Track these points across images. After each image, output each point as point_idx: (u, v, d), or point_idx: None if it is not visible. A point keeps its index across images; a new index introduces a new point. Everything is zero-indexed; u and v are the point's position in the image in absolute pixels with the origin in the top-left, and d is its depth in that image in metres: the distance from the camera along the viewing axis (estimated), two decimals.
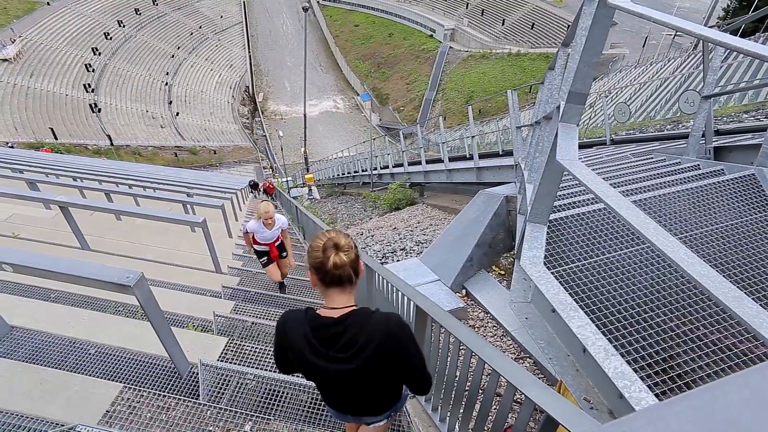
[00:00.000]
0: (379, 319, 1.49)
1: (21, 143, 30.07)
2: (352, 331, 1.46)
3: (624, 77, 30.79)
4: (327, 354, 1.46)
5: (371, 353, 1.45)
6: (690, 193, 2.90)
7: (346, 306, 1.52)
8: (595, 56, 2.02)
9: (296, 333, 1.49)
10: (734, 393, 0.42)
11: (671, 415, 0.40)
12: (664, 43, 38.36)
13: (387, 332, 1.47)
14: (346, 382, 1.54)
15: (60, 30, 45.45)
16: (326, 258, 1.45)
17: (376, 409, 1.76)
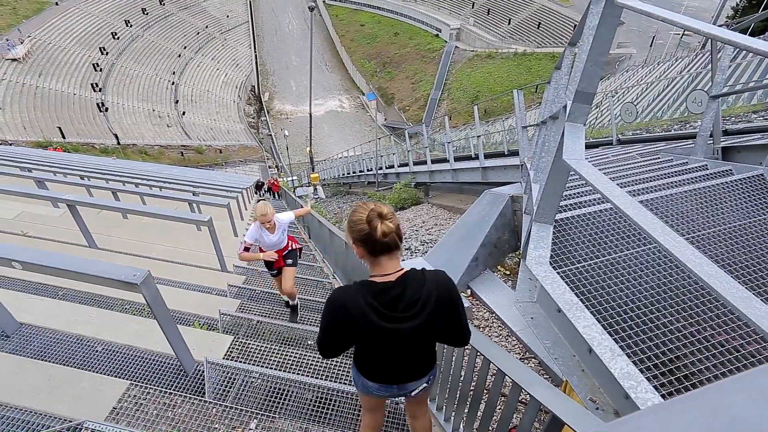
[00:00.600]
0: (430, 275, 1.60)
1: (29, 142, 30.34)
2: (411, 290, 1.57)
3: (631, 77, 30.61)
4: (394, 315, 1.54)
5: (432, 307, 1.55)
6: (697, 193, 2.88)
7: (398, 269, 1.61)
8: (602, 55, 2.01)
9: (357, 303, 1.55)
10: (741, 392, 0.42)
11: (678, 413, 0.40)
12: (671, 42, 38.12)
13: (441, 285, 1.59)
14: (409, 340, 1.63)
15: (68, 30, 45.79)
16: (373, 228, 1.53)
17: (421, 371, 1.82)
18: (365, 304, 1.54)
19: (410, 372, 1.80)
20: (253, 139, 47.85)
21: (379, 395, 1.92)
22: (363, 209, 1.58)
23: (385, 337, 1.59)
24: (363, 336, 1.62)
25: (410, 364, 1.78)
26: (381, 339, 1.61)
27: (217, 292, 5.02)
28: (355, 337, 1.65)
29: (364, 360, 1.80)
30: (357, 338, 1.65)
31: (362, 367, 1.83)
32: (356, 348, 1.79)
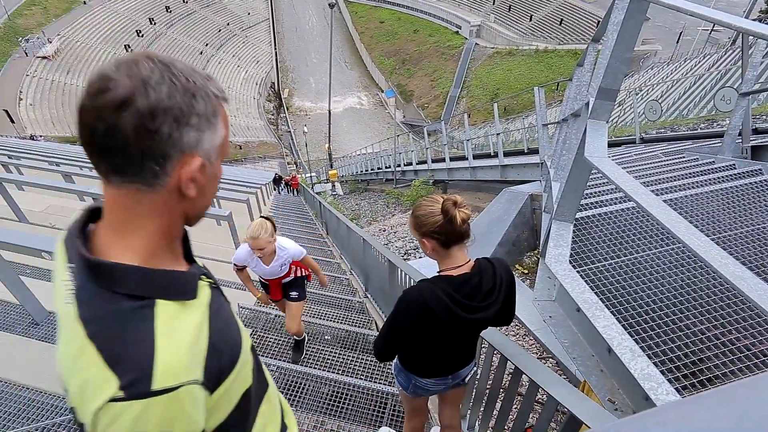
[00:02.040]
0: (496, 262, 1.65)
1: (57, 137, 31.20)
2: (487, 278, 1.59)
3: (655, 74, 29.88)
4: (477, 306, 1.56)
5: (505, 293, 1.60)
6: (724, 193, 2.80)
7: (468, 260, 1.62)
8: (627, 51, 1.97)
9: (440, 300, 1.53)
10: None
11: (703, 408, 0.40)
12: (699, 38, 37.06)
13: (506, 269, 1.65)
14: (484, 327, 1.72)
15: (95, 28, 46.96)
16: (452, 216, 1.52)
17: (472, 355, 1.87)
18: (449, 300, 1.52)
19: (466, 358, 1.84)
20: (272, 136, 48.34)
21: (431, 391, 1.91)
22: (431, 201, 1.59)
23: (465, 327, 1.63)
24: (442, 331, 1.62)
25: (468, 350, 1.82)
26: (460, 330, 1.65)
27: (236, 285, 5.08)
28: (431, 334, 1.63)
29: (422, 358, 1.79)
30: (432, 335, 1.63)
31: (417, 366, 1.82)
32: (411, 350, 1.76)
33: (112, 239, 0.68)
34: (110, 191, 0.66)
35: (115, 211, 0.68)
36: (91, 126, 0.60)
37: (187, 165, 0.66)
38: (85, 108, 0.60)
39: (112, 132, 0.59)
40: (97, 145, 0.61)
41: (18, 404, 2.40)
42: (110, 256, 0.66)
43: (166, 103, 0.61)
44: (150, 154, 0.62)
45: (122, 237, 0.68)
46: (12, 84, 36.45)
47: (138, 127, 0.60)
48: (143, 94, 0.60)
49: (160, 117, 0.61)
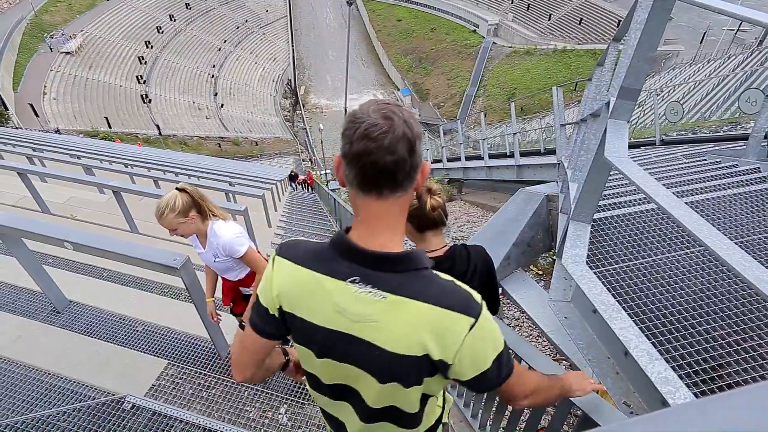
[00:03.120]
0: (473, 249, 1.67)
1: (79, 131, 31.84)
2: (459, 263, 1.62)
3: (677, 75, 29.26)
4: None
5: (479, 279, 1.61)
6: (748, 196, 2.74)
7: (444, 245, 1.66)
8: (650, 51, 1.94)
9: None
10: None
11: (727, 408, 0.39)
12: (724, 39, 36.19)
13: (483, 258, 1.66)
14: None
15: (117, 24, 47.75)
16: (423, 203, 1.57)
17: None
18: None
19: None
20: (288, 132, 48.65)
21: None
22: None
23: None
24: None
25: None
26: None
27: None
28: None
29: None
30: None
31: None
32: None
33: (382, 239, 0.94)
34: (380, 204, 0.92)
35: (385, 218, 0.94)
36: (381, 160, 0.85)
37: (424, 170, 0.95)
38: (370, 148, 0.84)
39: (397, 159, 0.86)
40: (385, 173, 0.87)
41: (40, 389, 2.47)
42: (392, 249, 0.94)
43: (417, 131, 0.90)
44: (415, 168, 0.91)
45: (393, 234, 0.95)
46: (37, 79, 37.30)
47: (410, 151, 0.88)
48: (409, 128, 0.87)
49: (418, 141, 0.90)
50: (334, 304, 0.94)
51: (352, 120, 0.88)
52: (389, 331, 0.91)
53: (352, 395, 1.07)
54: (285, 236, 8.45)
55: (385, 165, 0.85)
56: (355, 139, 0.86)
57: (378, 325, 0.92)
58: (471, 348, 0.91)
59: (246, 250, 2.32)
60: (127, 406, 2.38)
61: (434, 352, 0.90)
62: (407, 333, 0.90)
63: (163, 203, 2.19)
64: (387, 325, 0.91)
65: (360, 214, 0.95)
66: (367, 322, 0.92)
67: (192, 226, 2.27)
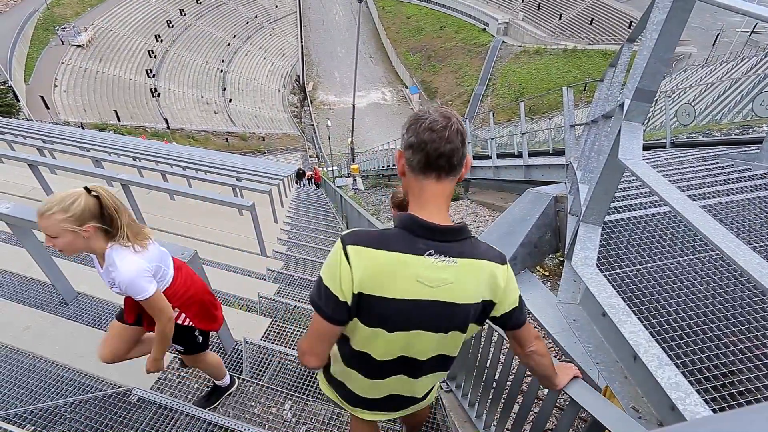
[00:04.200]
0: None
1: (89, 124, 32.09)
2: None
3: (689, 77, 28.95)
4: None
5: None
6: (762, 201, 2.70)
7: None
8: (667, 52, 1.91)
9: None
10: None
11: (763, 420, 0.38)
12: (738, 40, 35.76)
13: None
14: None
15: (127, 18, 48.03)
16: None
17: None
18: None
19: None
20: (295, 128, 48.75)
21: None
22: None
23: None
24: None
25: None
26: None
27: (257, 275, 5.16)
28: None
29: None
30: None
31: None
32: None
33: (443, 216, 1.16)
34: (438, 185, 1.15)
35: (442, 197, 1.16)
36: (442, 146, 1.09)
37: (468, 161, 1.17)
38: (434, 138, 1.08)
39: (454, 147, 1.10)
40: (444, 157, 1.10)
41: (48, 379, 2.49)
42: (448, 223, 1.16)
43: (465, 128, 1.16)
44: (464, 156, 1.14)
45: (447, 210, 1.18)
46: (48, 71, 37.63)
47: (462, 142, 1.11)
48: (461, 125, 1.12)
49: (467, 135, 1.11)
50: (416, 276, 1.12)
51: (417, 117, 1.12)
52: (462, 289, 1.16)
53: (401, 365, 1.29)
54: (291, 232, 8.47)
55: (444, 151, 1.09)
56: (421, 131, 1.09)
57: (452, 286, 1.14)
58: (507, 286, 1.22)
59: (150, 295, 1.76)
60: (134, 399, 2.39)
61: (488, 295, 1.20)
62: (475, 286, 1.17)
63: (55, 199, 1.62)
64: (459, 283, 1.15)
65: (422, 195, 1.16)
66: (445, 285, 1.14)
67: (81, 242, 1.66)
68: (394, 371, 1.32)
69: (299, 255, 6.60)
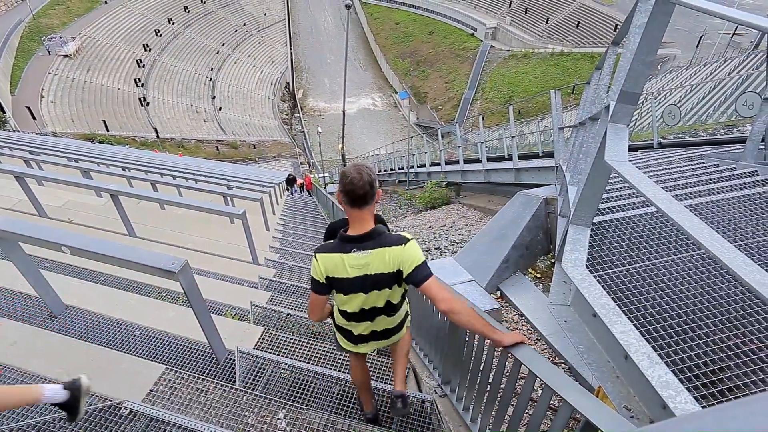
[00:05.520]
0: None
1: (77, 134, 31.78)
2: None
3: (674, 78, 29.40)
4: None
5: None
6: (746, 200, 2.74)
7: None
8: (650, 54, 1.94)
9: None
10: None
11: (746, 414, 0.39)
12: (720, 42, 36.39)
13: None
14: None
15: (115, 27, 47.79)
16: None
17: None
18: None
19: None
20: (286, 136, 48.67)
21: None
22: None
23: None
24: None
25: None
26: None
27: (249, 283, 5.13)
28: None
29: None
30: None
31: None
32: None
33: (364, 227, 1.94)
34: (359, 212, 1.91)
35: (361, 218, 1.93)
36: (362, 191, 1.84)
37: (378, 194, 1.91)
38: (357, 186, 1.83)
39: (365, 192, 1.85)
40: (360, 198, 1.85)
41: None
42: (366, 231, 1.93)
43: (374, 177, 1.90)
44: (374, 195, 1.90)
45: (367, 225, 1.94)
46: (35, 82, 37.26)
47: (371, 186, 1.86)
48: (369, 177, 1.85)
49: (375, 181, 1.88)
50: (349, 265, 1.96)
51: (344, 175, 1.89)
52: (375, 267, 1.95)
53: (368, 313, 2.14)
54: (283, 239, 8.43)
55: (359, 194, 1.86)
56: (346, 184, 1.86)
57: (369, 266, 1.95)
58: (407, 257, 1.92)
59: None
60: (125, 412, 2.36)
61: (396, 266, 1.94)
62: (384, 263, 1.94)
63: None
64: (373, 264, 1.95)
65: (351, 216, 1.96)
66: (366, 267, 1.95)
67: None
68: (363, 318, 2.17)
69: (291, 262, 6.57)
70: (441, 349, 2.81)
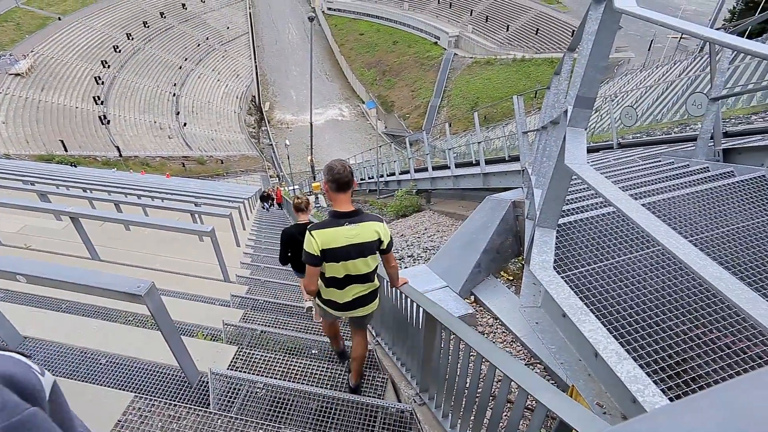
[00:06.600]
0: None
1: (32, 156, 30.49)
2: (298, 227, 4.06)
3: (630, 81, 30.68)
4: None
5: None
6: (700, 195, 2.88)
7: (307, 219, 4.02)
8: (602, 60, 2.02)
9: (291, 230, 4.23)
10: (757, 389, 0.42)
11: (692, 411, 0.40)
12: (669, 46, 38.24)
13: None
14: None
15: (71, 44, 46.25)
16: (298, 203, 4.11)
17: None
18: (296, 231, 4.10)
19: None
20: (254, 149, 48.04)
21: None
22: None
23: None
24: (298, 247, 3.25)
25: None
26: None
27: (221, 302, 5.01)
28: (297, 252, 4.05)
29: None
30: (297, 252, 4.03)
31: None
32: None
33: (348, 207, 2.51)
34: (344, 195, 2.49)
35: (346, 201, 2.51)
36: (343, 179, 2.44)
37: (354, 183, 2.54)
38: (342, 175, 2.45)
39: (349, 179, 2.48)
40: (345, 184, 2.46)
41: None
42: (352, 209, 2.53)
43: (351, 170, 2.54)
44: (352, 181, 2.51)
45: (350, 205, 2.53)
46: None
47: (352, 176, 2.51)
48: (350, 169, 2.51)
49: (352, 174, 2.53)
50: (343, 235, 2.41)
51: (331, 168, 2.45)
52: (364, 236, 2.44)
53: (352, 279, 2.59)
54: (254, 255, 8.29)
55: (344, 181, 2.43)
56: (334, 174, 2.42)
57: (359, 235, 2.43)
58: (385, 231, 2.52)
59: None
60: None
61: (378, 236, 2.49)
62: (370, 233, 2.46)
63: None
64: (362, 234, 2.44)
65: (337, 200, 2.49)
66: (356, 236, 2.43)
67: None
68: (348, 283, 2.60)
69: (264, 278, 6.46)
70: (418, 356, 2.81)
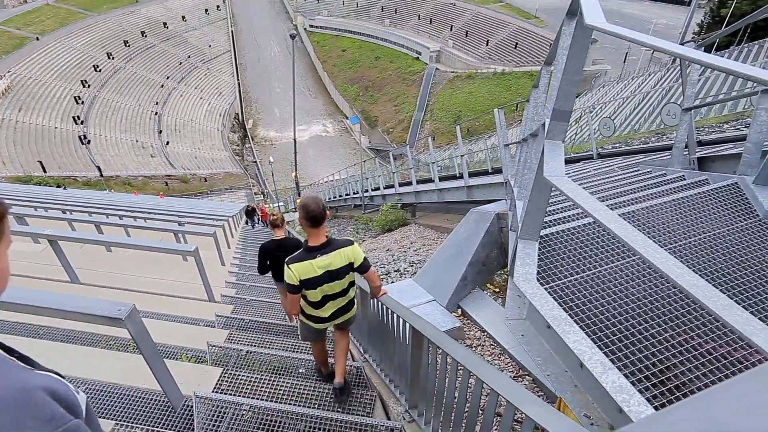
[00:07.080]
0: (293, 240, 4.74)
1: (9, 177, 29.85)
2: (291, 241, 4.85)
3: (607, 92, 31.47)
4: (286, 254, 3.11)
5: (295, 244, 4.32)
6: (676, 203, 2.94)
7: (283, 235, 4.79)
8: (576, 74, 2.08)
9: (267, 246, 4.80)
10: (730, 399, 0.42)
11: (668, 423, 0.41)
12: (643, 58, 39.41)
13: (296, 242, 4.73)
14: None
15: (49, 64, 45.76)
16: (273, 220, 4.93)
17: None
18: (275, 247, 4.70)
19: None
20: (238, 167, 47.77)
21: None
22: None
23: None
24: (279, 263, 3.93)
25: None
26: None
27: (205, 323, 4.92)
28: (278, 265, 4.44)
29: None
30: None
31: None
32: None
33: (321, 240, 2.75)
34: (317, 230, 2.72)
35: (319, 234, 2.74)
36: (317, 215, 2.66)
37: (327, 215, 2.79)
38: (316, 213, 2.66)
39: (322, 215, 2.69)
40: (318, 219, 2.68)
41: None
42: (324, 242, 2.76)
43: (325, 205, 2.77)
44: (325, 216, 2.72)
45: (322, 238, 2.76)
46: None
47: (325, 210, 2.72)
48: (323, 205, 2.72)
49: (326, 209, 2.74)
50: (317, 267, 2.70)
51: (305, 206, 2.66)
52: (335, 263, 2.75)
53: (329, 298, 2.88)
54: (239, 273, 8.19)
55: (318, 217, 2.67)
56: (309, 212, 2.64)
57: (332, 263, 2.73)
58: (356, 254, 2.81)
59: None
60: None
61: (349, 260, 2.79)
62: (341, 260, 2.76)
63: None
64: (334, 263, 2.74)
65: (311, 233, 2.74)
66: (329, 265, 2.73)
67: None
68: (325, 302, 2.88)
69: (249, 297, 6.38)
70: (406, 372, 2.79)
